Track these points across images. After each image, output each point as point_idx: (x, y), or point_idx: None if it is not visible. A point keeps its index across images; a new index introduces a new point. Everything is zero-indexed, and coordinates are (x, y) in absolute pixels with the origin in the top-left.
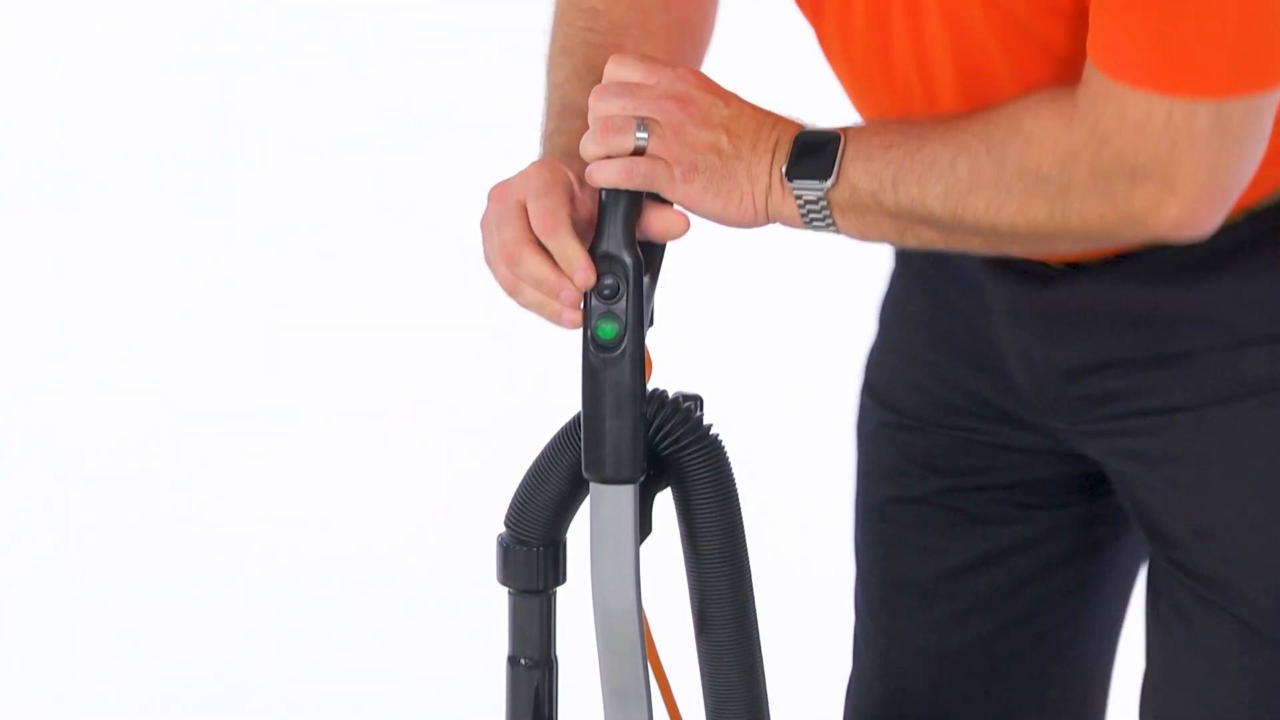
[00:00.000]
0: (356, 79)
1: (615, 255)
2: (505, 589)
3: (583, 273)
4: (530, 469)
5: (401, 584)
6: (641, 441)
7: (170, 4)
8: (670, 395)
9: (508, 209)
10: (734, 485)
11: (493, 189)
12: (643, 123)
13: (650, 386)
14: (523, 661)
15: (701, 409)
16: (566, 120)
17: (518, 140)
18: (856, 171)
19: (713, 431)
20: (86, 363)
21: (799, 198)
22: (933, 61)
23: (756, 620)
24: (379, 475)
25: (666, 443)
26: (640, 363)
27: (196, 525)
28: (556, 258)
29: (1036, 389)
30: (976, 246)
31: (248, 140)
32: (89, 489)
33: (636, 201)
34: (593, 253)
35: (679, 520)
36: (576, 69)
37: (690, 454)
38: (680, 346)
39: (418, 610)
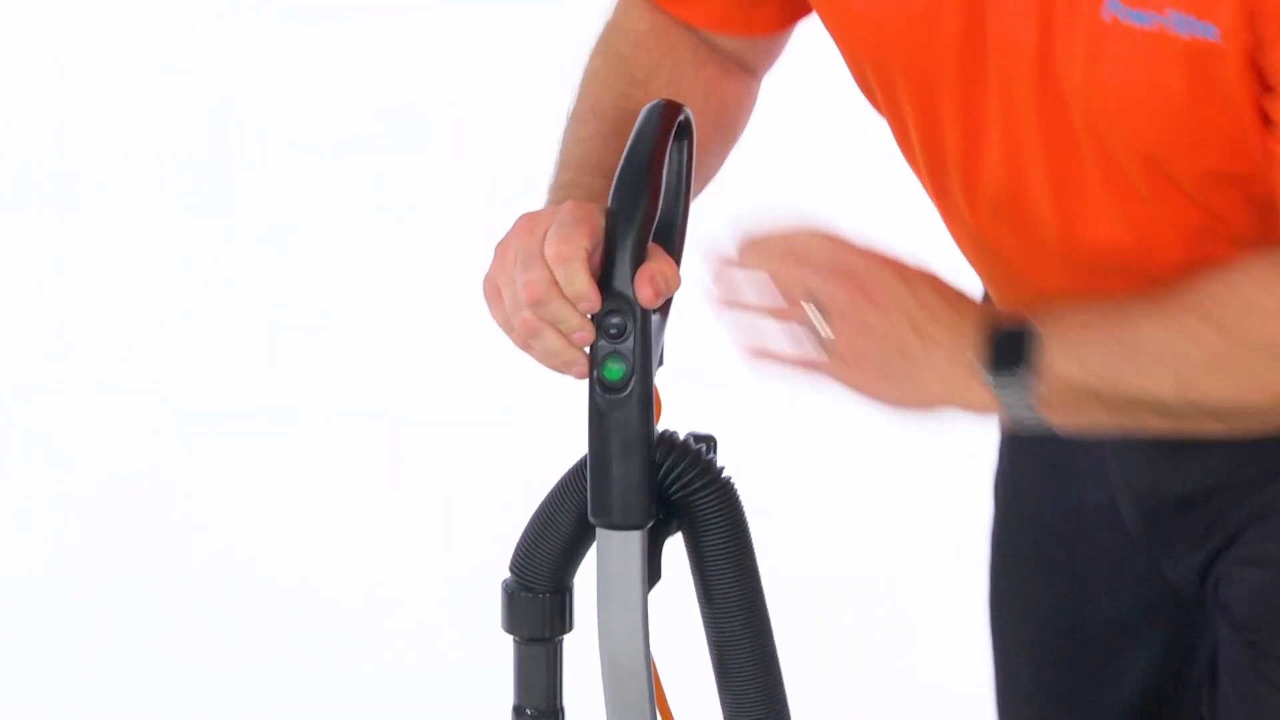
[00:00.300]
0: (356, 79)
1: (622, 293)
2: (510, 637)
3: (588, 302)
4: (535, 514)
5: (402, 584)
6: (650, 486)
7: (170, 4)
8: (681, 437)
9: (535, 245)
10: (748, 530)
11: (521, 218)
12: (813, 302)
13: (661, 428)
14: (528, 712)
15: (715, 451)
16: (585, 175)
17: (517, 141)
18: (1058, 358)
19: (725, 474)
20: (86, 363)
21: (999, 395)
22: (1082, 217)
23: (779, 667)
24: (379, 476)
25: (676, 486)
26: (649, 404)
27: (196, 525)
28: (563, 284)
29: (1149, 524)
30: (1210, 429)
31: (248, 140)
32: (89, 489)
33: (645, 240)
34: (600, 290)
35: (691, 567)
36: (603, 130)
37: (702, 498)
38: (693, 386)
39: (419, 611)
